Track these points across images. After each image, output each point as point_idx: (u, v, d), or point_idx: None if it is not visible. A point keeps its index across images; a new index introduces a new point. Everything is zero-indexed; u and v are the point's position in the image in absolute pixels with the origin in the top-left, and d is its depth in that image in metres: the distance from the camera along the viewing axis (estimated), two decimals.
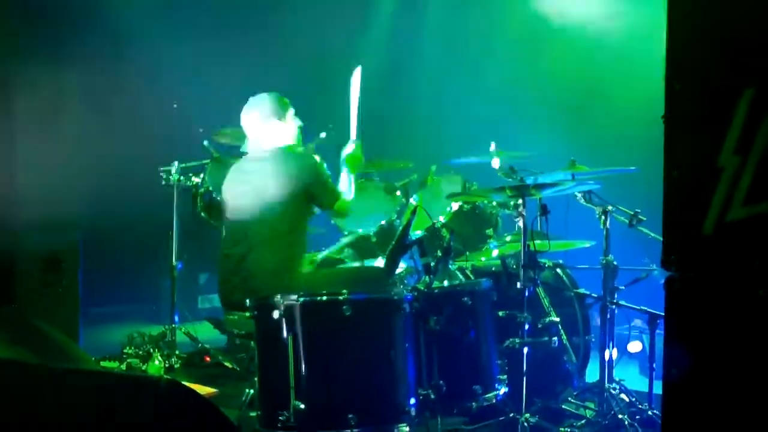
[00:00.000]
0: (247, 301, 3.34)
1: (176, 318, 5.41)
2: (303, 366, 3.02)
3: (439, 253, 3.59)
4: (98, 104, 6.21)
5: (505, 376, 3.63)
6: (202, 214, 5.33)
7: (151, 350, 5.21)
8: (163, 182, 5.29)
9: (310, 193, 3.95)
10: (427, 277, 3.38)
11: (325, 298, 3.09)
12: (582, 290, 4.19)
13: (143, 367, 4.98)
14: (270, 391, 3.15)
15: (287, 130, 4.13)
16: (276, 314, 3.07)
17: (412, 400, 3.15)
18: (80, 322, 5.73)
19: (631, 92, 5.75)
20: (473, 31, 6.71)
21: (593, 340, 4.24)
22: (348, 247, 5.07)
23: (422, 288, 3.34)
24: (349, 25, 7.09)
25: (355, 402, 3.01)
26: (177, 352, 5.22)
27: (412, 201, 4.98)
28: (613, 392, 3.87)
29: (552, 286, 4.25)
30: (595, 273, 4.23)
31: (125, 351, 5.44)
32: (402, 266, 4.50)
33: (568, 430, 3.65)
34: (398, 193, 5.11)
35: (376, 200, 5.05)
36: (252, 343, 4.88)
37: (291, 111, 4.10)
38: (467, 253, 4.64)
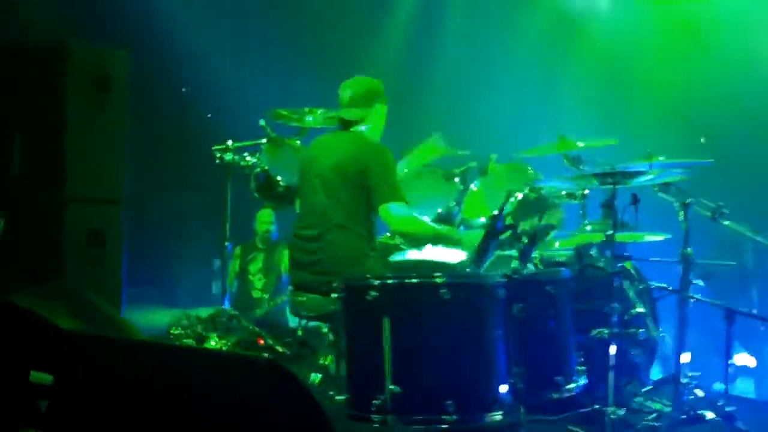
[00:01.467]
0: (334, 282, 3.28)
1: (226, 301, 5.34)
2: (400, 349, 2.96)
3: (526, 240, 3.53)
4: (149, 82, 6.14)
5: (584, 368, 3.58)
6: (256, 194, 5.29)
7: (202, 332, 5.14)
8: (217, 161, 5.21)
9: (373, 185, 3.88)
10: (518, 264, 3.33)
11: (424, 280, 3.02)
12: (657, 283, 4.13)
13: None
14: (362, 375, 3.09)
15: (375, 118, 4.08)
16: (371, 295, 3.00)
17: (504, 388, 3.10)
18: (123, 300, 5.69)
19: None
20: (527, 23, 6.63)
21: (662, 334, 4.20)
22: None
23: (511, 275, 3.28)
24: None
25: (452, 388, 2.95)
26: (234, 335, 5.16)
27: (473, 187, 4.93)
28: (688, 387, 3.82)
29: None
30: (661, 266, 4.19)
31: (172, 332, 5.37)
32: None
33: (654, 423, 3.59)
34: (456, 180, 5.04)
35: (434, 187, 4.98)
36: (323, 326, 4.87)
37: (383, 100, 4.06)
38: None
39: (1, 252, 5.36)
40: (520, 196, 4.61)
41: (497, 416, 3.04)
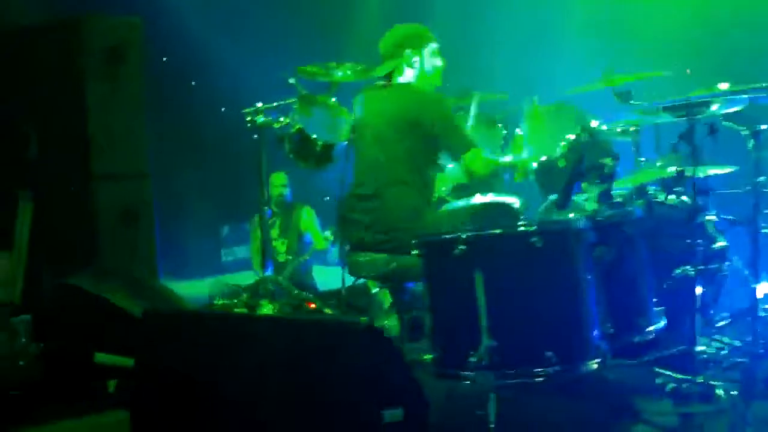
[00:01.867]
0: (413, 240, 3.15)
1: (269, 267, 5.21)
2: (494, 302, 2.85)
3: (599, 181, 3.42)
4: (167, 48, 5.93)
5: (663, 308, 3.50)
6: (291, 156, 5.12)
7: (248, 300, 5.03)
8: (249, 125, 5.02)
9: (440, 136, 3.78)
10: (602, 206, 3.22)
11: (516, 230, 2.91)
12: (725, 216, 4.03)
13: None
14: (453, 332, 2.98)
15: (408, 63, 3.91)
16: (459, 250, 2.88)
17: (596, 333, 3.01)
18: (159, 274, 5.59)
19: None
20: None
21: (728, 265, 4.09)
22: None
23: (594, 217, 3.17)
24: None
25: (551, 338, 2.85)
26: (284, 300, 5.05)
27: (518, 131, 4.78)
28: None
29: (684, 211, 4.08)
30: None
31: (216, 302, 5.26)
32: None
33: (738, 359, 3.52)
34: (499, 125, 4.89)
35: (478, 134, 4.82)
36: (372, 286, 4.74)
37: (432, 47, 3.89)
38: (583, 185, 4.45)
39: (33, 235, 5.23)
40: (572, 137, 4.48)
41: (594, 364, 2.96)
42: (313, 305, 4.98)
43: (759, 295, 3.69)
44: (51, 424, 3.34)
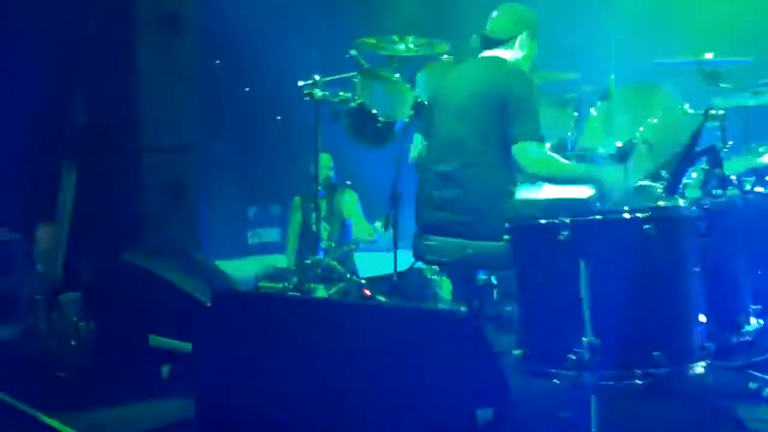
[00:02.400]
0: (506, 224, 2.90)
1: (321, 250, 4.97)
2: (599, 296, 2.60)
3: (709, 167, 3.16)
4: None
5: (759, 306, 3.23)
6: (349, 132, 4.87)
7: (298, 283, 4.81)
8: (305, 98, 4.77)
9: (511, 117, 3.48)
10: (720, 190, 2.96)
11: (626, 215, 2.65)
12: None
13: None
14: (548, 326, 2.73)
15: (522, 47, 3.71)
16: (563, 235, 2.62)
17: (703, 332, 2.75)
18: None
19: None
20: None
21: None
22: None
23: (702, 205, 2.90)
24: None
25: (659, 336, 2.60)
26: (335, 284, 4.82)
27: (593, 112, 4.50)
28: None
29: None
30: None
31: (262, 285, 5.04)
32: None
33: None
34: (570, 107, 4.61)
35: (548, 116, 4.54)
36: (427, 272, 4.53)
37: (533, 34, 3.65)
38: (662, 171, 4.17)
39: (76, 206, 5.04)
40: (655, 120, 4.20)
41: (702, 366, 2.70)
42: (368, 291, 4.74)
43: None
44: (102, 410, 3.14)
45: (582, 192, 4.20)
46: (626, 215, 2.65)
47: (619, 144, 4.18)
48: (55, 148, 5.30)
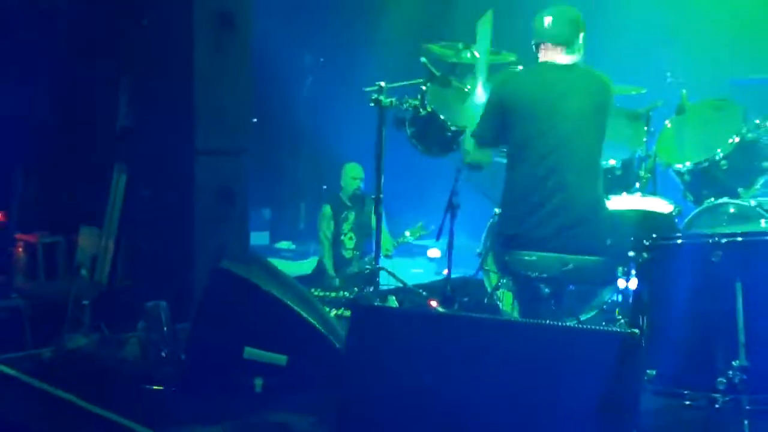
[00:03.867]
0: (645, 240, 2.84)
1: (381, 258, 4.86)
2: (754, 318, 2.56)
3: None
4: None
5: None
6: (413, 140, 4.79)
7: (349, 294, 4.71)
8: (372, 104, 4.66)
9: (606, 119, 3.52)
10: None
11: None
12: None
13: None
14: (691, 348, 2.68)
15: (579, 51, 3.63)
16: (717, 256, 2.58)
17: None
18: None
19: None
20: None
21: None
22: None
23: None
24: None
25: None
26: (404, 296, 4.72)
27: (667, 124, 4.50)
28: None
29: None
30: None
31: (312, 291, 4.92)
32: None
33: None
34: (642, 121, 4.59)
35: (619, 129, 4.51)
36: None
37: (584, 33, 3.62)
38: (739, 189, 4.18)
39: (126, 209, 4.87)
40: (737, 139, 4.20)
41: None
42: (434, 303, 4.65)
43: None
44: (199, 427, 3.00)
45: (664, 207, 4.21)
46: None
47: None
48: (97, 149, 5.12)
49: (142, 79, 4.91)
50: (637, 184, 4.46)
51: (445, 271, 4.99)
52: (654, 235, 2.85)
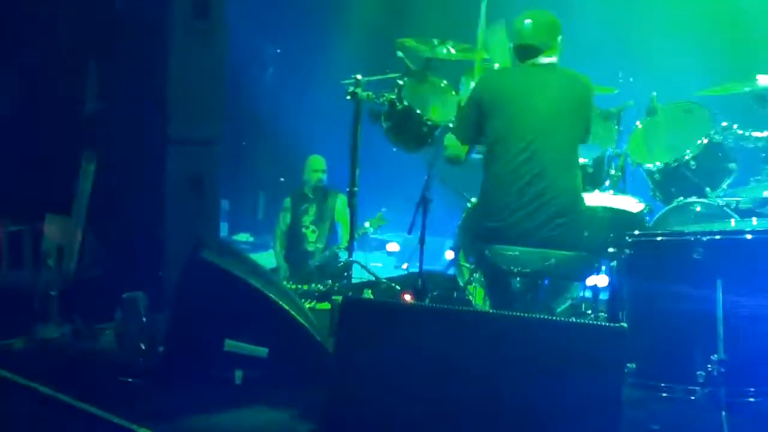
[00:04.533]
0: (629, 235, 2.90)
1: (355, 252, 4.86)
2: (731, 313, 2.64)
3: None
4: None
5: None
6: (389, 134, 4.79)
7: (322, 287, 4.71)
8: (348, 97, 4.65)
9: (588, 119, 3.62)
10: None
11: (756, 235, 2.69)
12: None
13: None
14: (670, 343, 2.76)
15: (557, 53, 3.73)
16: (699, 253, 2.65)
17: None
18: None
19: None
20: None
21: None
22: None
23: None
24: None
25: None
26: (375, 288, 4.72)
27: (638, 125, 4.60)
28: None
29: None
30: None
31: (289, 286, 4.91)
32: None
33: None
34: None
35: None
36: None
37: (561, 35, 3.72)
38: (706, 189, 4.29)
39: (95, 197, 4.77)
40: (704, 140, 4.31)
41: None
42: (409, 297, 4.67)
43: None
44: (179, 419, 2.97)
45: (634, 205, 4.31)
46: (753, 235, 2.69)
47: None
48: (63, 135, 4.99)
49: (112, 63, 4.82)
50: (608, 182, 4.57)
51: (405, 266, 5.02)
52: (636, 232, 2.91)
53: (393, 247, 7.75)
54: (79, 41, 4.91)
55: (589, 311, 4.32)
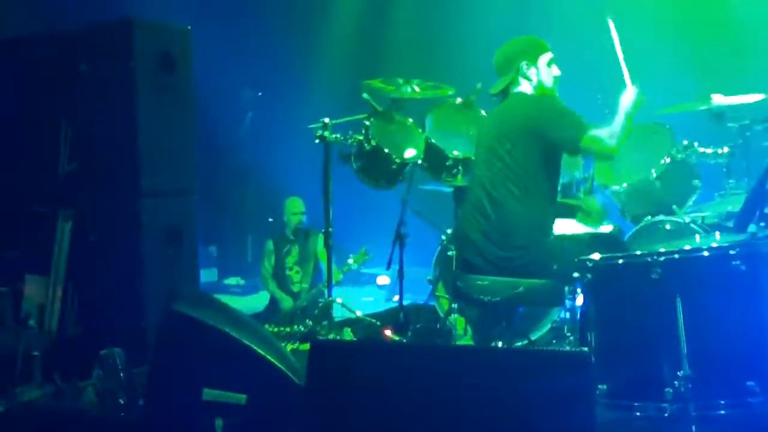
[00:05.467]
0: (587, 261, 2.96)
1: (333, 290, 4.92)
2: (693, 329, 2.70)
3: None
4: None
5: None
6: (360, 174, 4.87)
7: (313, 327, 4.74)
8: (317, 141, 4.74)
9: (547, 136, 3.57)
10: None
11: (712, 252, 2.77)
12: None
13: None
14: (637, 361, 2.81)
15: (541, 76, 3.73)
16: (657, 273, 2.72)
17: None
18: None
19: None
20: None
21: None
22: None
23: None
24: None
25: (751, 367, 2.72)
26: (355, 327, 4.76)
27: None
28: None
29: None
30: None
31: (268, 327, 4.95)
32: None
33: None
34: None
35: None
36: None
37: (548, 56, 3.71)
38: (673, 206, 4.37)
39: (73, 255, 4.80)
40: (668, 159, 4.40)
41: None
42: (389, 332, 4.71)
43: None
44: None
45: (603, 228, 4.37)
46: (709, 252, 2.76)
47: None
48: (39, 196, 5.04)
49: (83, 123, 4.89)
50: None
51: (396, 298, 5.08)
52: (597, 256, 2.97)
53: (383, 280, 7.81)
54: (50, 103, 4.99)
55: (569, 333, 4.37)
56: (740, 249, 2.74)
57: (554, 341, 4.41)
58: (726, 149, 4.38)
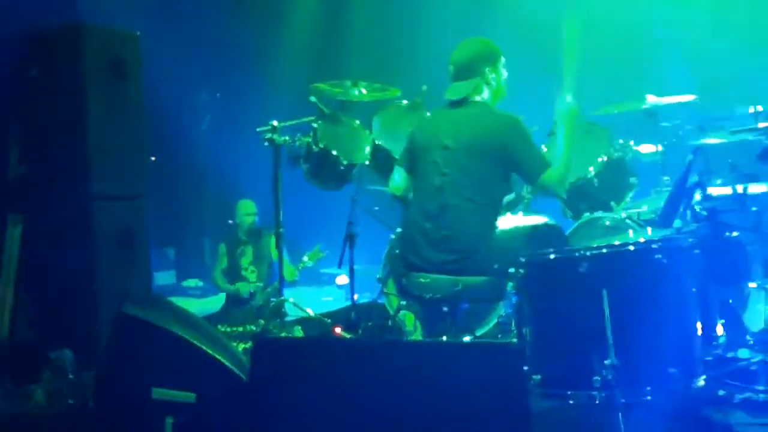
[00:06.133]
0: (523, 258, 3.09)
1: (284, 290, 5.00)
2: (618, 320, 2.84)
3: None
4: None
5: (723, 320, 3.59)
6: (309, 176, 4.95)
7: (265, 325, 4.81)
8: (266, 144, 4.82)
9: (520, 161, 3.63)
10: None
11: (636, 247, 2.91)
12: None
13: None
14: (567, 352, 2.95)
15: (488, 84, 3.78)
16: (584, 267, 2.85)
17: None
18: None
19: None
20: None
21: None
22: None
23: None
24: None
25: (673, 354, 2.87)
26: (306, 324, 4.85)
27: (543, 148, 4.82)
28: None
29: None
30: None
31: (221, 328, 5.01)
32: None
33: None
34: None
35: None
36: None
37: (502, 60, 3.79)
38: (612, 203, 4.54)
39: (24, 259, 4.81)
40: (605, 158, 4.56)
41: (703, 380, 3.00)
42: (339, 330, 4.80)
43: None
44: None
45: (539, 219, 4.52)
46: (634, 247, 2.91)
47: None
48: None
49: (33, 128, 4.90)
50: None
51: (356, 296, 5.18)
52: (528, 253, 3.10)
53: (343, 280, 7.88)
54: (1, 107, 4.99)
55: (515, 328, 4.50)
56: (662, 243, 2.89)
57: (500, 336, 4.54)
58: (660, 147, 4.55)
